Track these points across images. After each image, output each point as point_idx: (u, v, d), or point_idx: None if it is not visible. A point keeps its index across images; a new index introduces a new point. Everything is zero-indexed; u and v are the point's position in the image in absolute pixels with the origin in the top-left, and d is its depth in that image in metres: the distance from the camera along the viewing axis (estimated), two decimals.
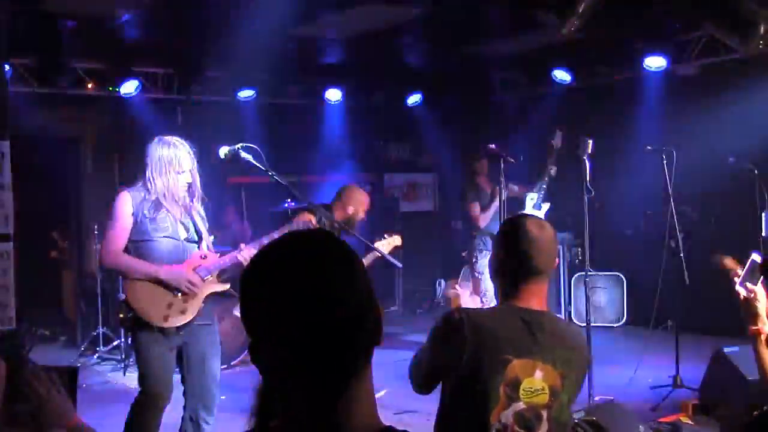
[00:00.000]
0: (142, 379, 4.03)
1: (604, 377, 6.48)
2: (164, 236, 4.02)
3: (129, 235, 3.99)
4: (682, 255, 6.10)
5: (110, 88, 8.42)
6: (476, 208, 7.31)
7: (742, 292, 2.59)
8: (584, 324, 5.65)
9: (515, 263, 2.44)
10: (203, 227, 4.21)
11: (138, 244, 4.01)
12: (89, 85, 8.29)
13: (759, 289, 2.57)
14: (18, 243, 3.87)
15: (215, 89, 8.98)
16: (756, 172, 6.37)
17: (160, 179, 3.99)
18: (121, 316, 3.97)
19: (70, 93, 8.15)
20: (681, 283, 6.10)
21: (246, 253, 4.20)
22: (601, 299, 8.79)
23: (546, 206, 7.17)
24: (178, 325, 3.99)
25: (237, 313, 4.69)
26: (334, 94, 9.74)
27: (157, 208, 4.00)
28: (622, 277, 8.78)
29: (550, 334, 2.39)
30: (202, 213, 4.23)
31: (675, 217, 6.11)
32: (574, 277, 8.66)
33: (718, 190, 7.60)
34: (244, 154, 4.12)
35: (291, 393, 1.25)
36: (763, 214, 6.36)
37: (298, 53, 8.72)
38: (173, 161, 3.99)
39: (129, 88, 8.39)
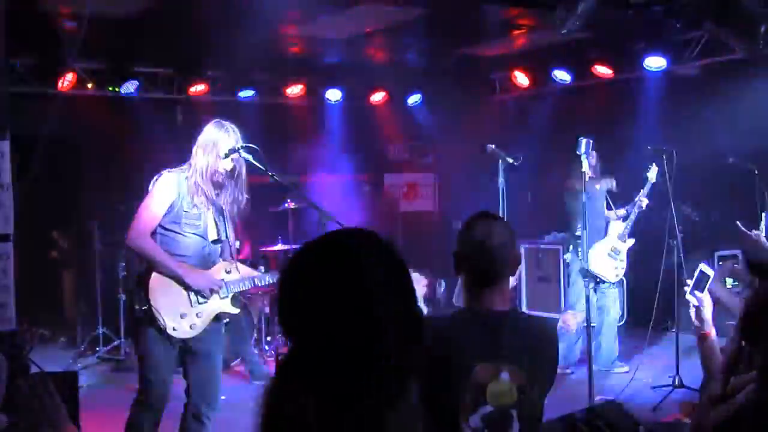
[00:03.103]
0: (141, 379, 4.03)
1: (604, 377, 6.49)
2: (194, 233, 4.01)
3: (161, 219, 3.97)
4: (681, 255, 6.11)
5: (110, 88, 8.42)
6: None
7: (693, 301, 2.82)
8: (584, 324, 5.65)
9: (467, 267, 2.41)
10: (231, 231, 4.20)
11: (166, 233, 3.98)
12: (89, 85, 8.29)
13: (706, 296, 2.81)
14: (18, 243, 3.86)
15: (215, 89, 8.99)
16: (756, 172, 6.37)
17: (203, 157, 4.00)
18: (137, 307, 3.94)
19: (70, 93, 8.15)
20: (681, 283, 6.10)
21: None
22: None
23: (630, 242, 6.89)
24: (183, 337, 3.99)
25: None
26: (334, 94, 9.74)
27: (194, 199, 3.98)
28: (622, 277, 8.76)
29: (511, 333, 2.34)
30: (234, 216, 4.21)
31: (675, 217, 6.12)
32: None
33: (718, 190, 7.60)
34: (244, 154, 4.12)
35: (335, 398, 1.20)
36: (763, 214, 6.36)
37: (299, 53, 8.72)
38: (218, 143, 4.00)
39: (129, 88, 8.39)
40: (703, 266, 2.96)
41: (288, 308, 1.25)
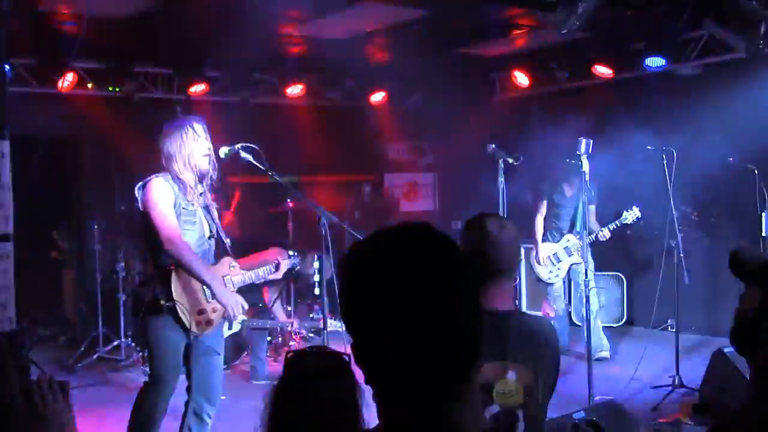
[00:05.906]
0: (153, 363, 4.09)
1: (604, 377, 6.48)
2: (192, 230, 4.07)
3: None
4: (681, 255, 6.10)
5: (110, 88, 8.42)
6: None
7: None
8: (584, 324, 5.64)
9: (476, 264, 2.41)
10: (219, 227, 4.25)
11: None
12: (89, 85, 8.29)
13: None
14: (18, 243, 3.86)
15: (215, 89, 8.98)
16: (756, 172, 6.37)
17: (179, 153, 4.02)
18: (162, 302, 3.97)
19: (70, 93, 8.14)
20: (681, 283, 6.10)
21: (283, 265, 4.36)
22: (601, 299, 8.78)
23: (575, 259, 7.28)
24: (201, 332, 4.05)
25: None
26: (334, 94, 9.73)
27: (187, 196, 4.03)
28: (622, 277, 8.77)
29: (517, 333, 2.37)
30: (215, 211, 4.27)
31: (675, 217, 6.11)
32: None
33: (718, 190, 7.59)
34: (244, 154, 4.13)
35: (399, 394, 1.20)
36: (763, 214, 6.36)
37: (299, 53, 8.72)
38: (188, 131, 4.04)
39: (129, 88, 8.39)
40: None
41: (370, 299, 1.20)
